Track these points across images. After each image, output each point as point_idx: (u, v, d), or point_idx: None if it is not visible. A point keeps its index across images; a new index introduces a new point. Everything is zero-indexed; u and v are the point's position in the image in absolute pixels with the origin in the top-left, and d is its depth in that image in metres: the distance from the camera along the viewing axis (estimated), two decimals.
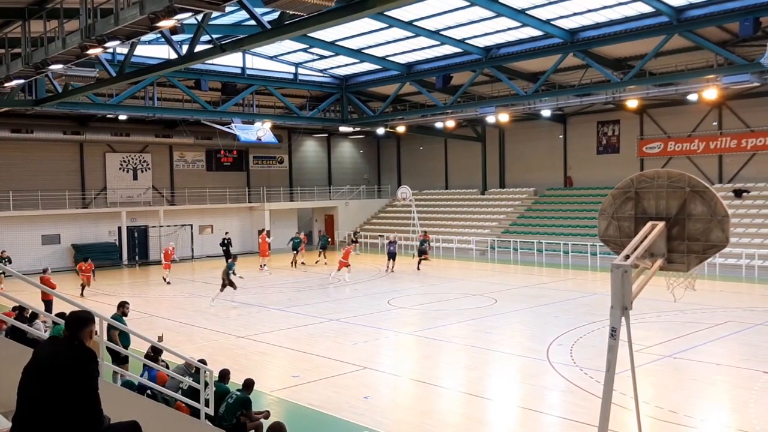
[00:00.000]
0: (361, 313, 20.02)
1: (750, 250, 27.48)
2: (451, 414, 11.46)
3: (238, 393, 9.21)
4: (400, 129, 40.73)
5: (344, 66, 34.47)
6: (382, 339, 17.04)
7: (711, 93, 27.67)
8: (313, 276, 29.20)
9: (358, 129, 42.35)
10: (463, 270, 31.08)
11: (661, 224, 7.58)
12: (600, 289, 22.88)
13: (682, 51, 26.73)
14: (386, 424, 10.59)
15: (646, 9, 23.81)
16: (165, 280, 27.43)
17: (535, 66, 30.67)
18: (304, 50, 31.50)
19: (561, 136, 40.47)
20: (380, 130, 41.23)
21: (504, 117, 34.80)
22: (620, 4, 23.82)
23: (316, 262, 32.78)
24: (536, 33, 26.98)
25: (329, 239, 36.77)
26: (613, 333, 7.29)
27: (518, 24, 25.84)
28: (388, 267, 29.86)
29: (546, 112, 34.59)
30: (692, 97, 29.67)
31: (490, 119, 35.74)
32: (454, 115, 36.33)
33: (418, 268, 29.98)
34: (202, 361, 9.01)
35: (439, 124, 37.93)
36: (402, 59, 32.21)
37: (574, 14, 24.99)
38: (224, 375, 9.88)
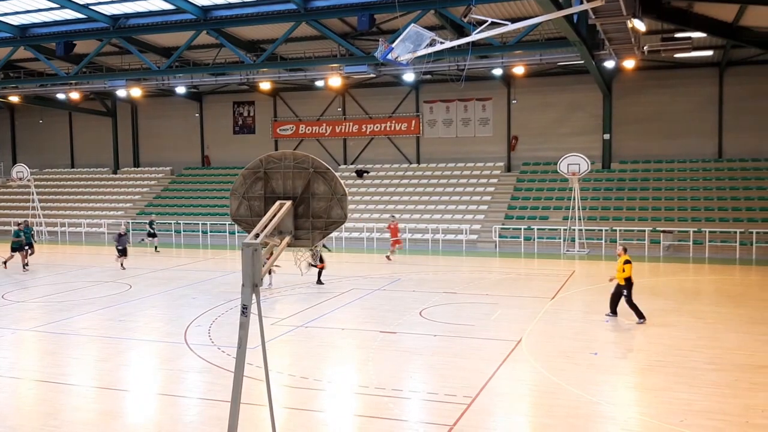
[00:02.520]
0: None
1: (370, 224, 30.80)
2: (80, 411, 10.53)
3: None
4: (15, 99, 36.00)
5: None
6: None
7: (335, 81, 30.17)
8: None
9: None
10: (94, 256, 28.92)
11: (288, 203, 7.92)
12: (239, 268, 23.30)
13: (311, 39, 28.48)
14: None
15: None
16: None
17: (169, 41, 29.74)
18: None
19: (197, 115, 40.11)
20: None
21: (137, 92, 33.12)
22: None
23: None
24: (168, 6, 26.08)
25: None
26: (245, 310, 7.44)
27: None
28: (121, 263, 25.11)
29: (181, 89, 33.88)
30: (320, 83, 31.97)
31: (121, 93, 33.74)
32: (79, 86, 33.38)
33: None
34: None
35: (62, 96, 34.46)
36: (13, 20, 28.29)
37: None
38: None
